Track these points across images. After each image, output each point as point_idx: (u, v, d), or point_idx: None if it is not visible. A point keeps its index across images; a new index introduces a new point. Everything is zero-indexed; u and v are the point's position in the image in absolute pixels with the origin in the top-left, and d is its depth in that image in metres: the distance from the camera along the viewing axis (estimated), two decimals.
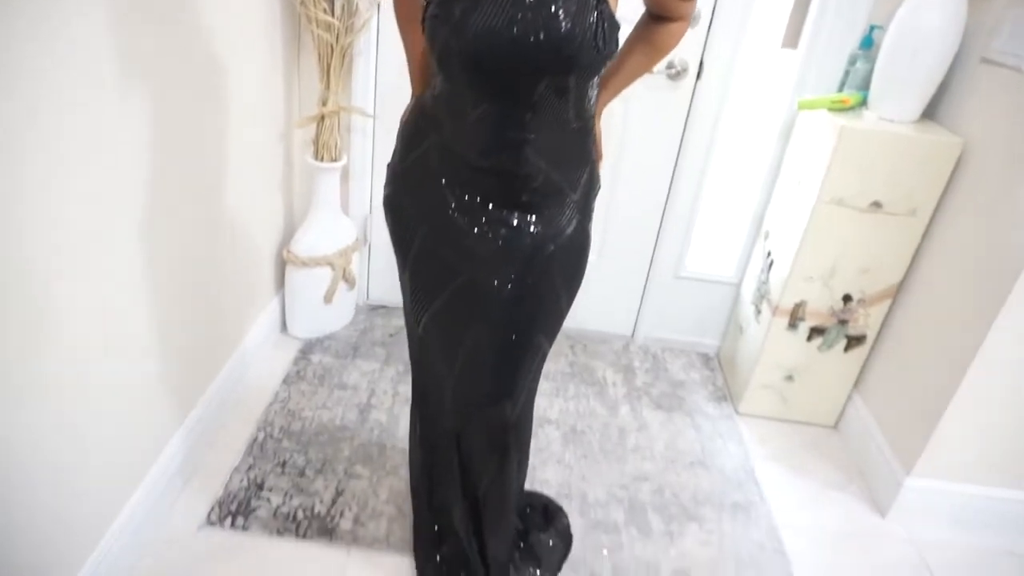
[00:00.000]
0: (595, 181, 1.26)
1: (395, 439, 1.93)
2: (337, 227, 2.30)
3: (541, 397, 2.13)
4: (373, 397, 2.10)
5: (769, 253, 2.17)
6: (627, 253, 2.40)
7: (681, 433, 2.11)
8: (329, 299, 2.33)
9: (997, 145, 1.72)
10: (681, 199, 2.31)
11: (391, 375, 2.20)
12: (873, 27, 2.00)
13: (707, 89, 2.16)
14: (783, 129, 2.19)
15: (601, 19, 1.04)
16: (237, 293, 2.00)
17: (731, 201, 2.33)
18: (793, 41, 2.22)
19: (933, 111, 1.95)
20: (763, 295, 2.18)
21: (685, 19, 1.24)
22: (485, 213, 1.17)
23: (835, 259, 1.97)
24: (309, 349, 2.30)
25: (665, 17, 1.24)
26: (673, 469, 1.96)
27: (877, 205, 1.89)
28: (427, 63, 1.31)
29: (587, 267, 1.32)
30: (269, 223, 2.20)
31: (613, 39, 1.08)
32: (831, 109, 1.96)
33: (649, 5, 1.24)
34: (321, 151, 2.17)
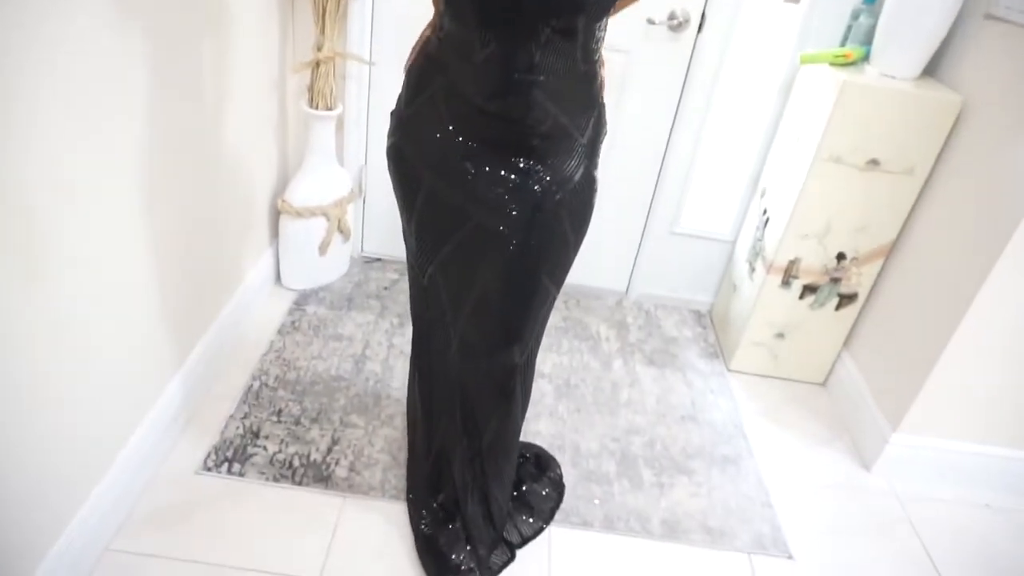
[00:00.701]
0: (602, 125, 1.25)
1: (390, 389, 1.95)
2: (332, 177, 2.28)
3: None
4: (368, 348, 2.11)
5: (765, 211, 2.17)
6: (623, 208, 2.39)
7: (673, 388, 2.14)
8: (324, 250, 2.32)
9: (996, 103, 1.72)
10: (679, 154, 2.29)
11: (386, 327, 2.21)
12: None
13: (708, 42, 2.13)
14: (784, 84, 2.17)
15: None
16: (232, 242, 1.99)
17: (729, 157, 2.32)
18: None
19: (935, 68, 1.93)
20: (758, 252, 2.18)
21: None
22: (493, 158, 1.17)
23: (831, 217, 1.98)
24: (304, 300, 2.29)
25: None
26: (664, 423, 1.99)
27: (875, 163, 1.89)
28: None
29: None
30: (264, 171, 2.17)
31: None
32: (833, 63, 1.94)
33: None
34: (316, 99, 2.14)
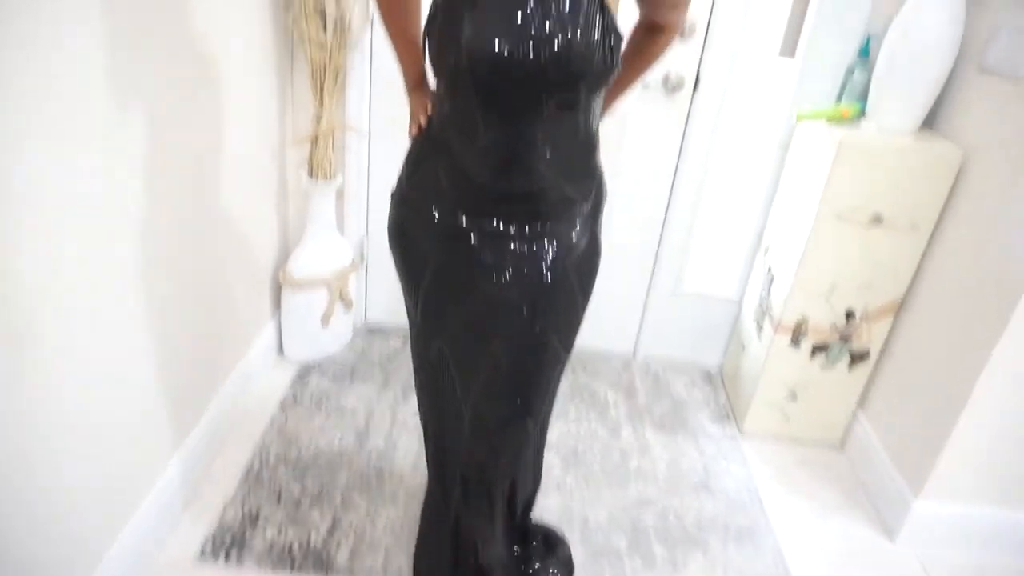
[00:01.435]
0: (604, 190, 1.28)
1: (392, 465, 1.90)
2: (333, 247, 2.28)
3: None
4: (371, 421, 2.07)
5: (770, 269, 2.14)
6: (626, 270, 2.37)
7: (684, 454, 2.07)
8: (326, 321, 2.30)
9: (998, 155, 1.69)
10: (679, 214, 2.28)
11: (389, 399, 2.17)
12: (870, 38, 1.97)
13: (704, 102, 2.13)
14: (783, 141, 2.16)
15: (607, 32, 1.06)
16: (233, 316, 1.98)
17: (731, 215, 2.30)
18: (791, 50, 2.20)
19: (933, 120, 1.92)
20: (764, 311, 2.14)
21: (676, 27, 1.28)
22: (499, 232, 1.16)
23: (836, 274, 1.94)
24: (306, 372, 2.27)
25: (656, 26, 1.27)
26: (676, 492, 1.92)
27: (878, 219, 1.86)
28: (419, 78, 1.30)
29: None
30: (265, 242, 2.17)
31: (619, 50, 1.09)
32: (830, 120, 1.93)
33: (642, 14, 1.27)
34: (315, 170, 2.15)
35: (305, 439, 1.97)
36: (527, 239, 1.17)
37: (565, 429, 2.13)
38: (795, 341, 2.04)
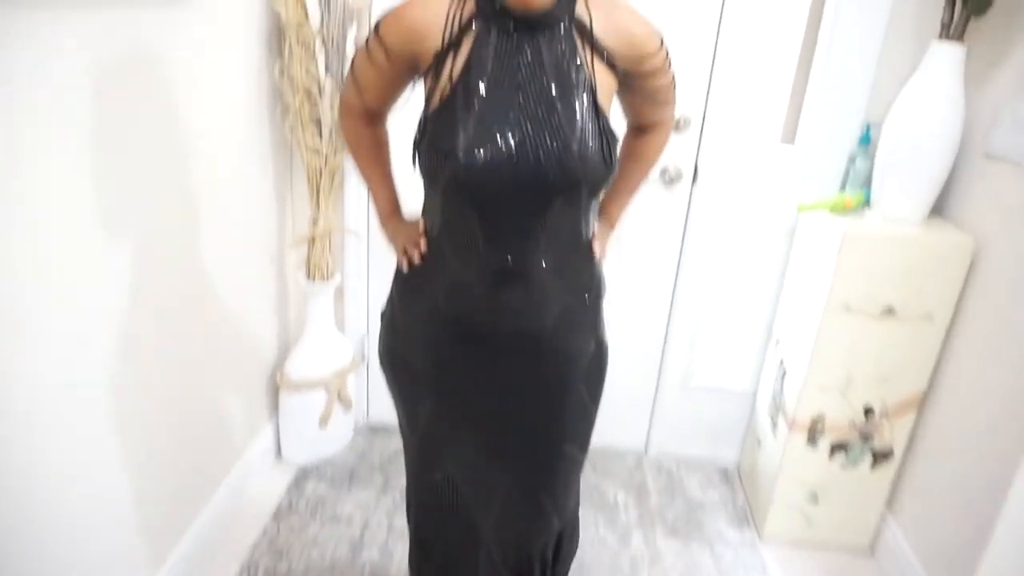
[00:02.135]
0: (603, 288, 1.24)
1: None
2: (332, 347, 2.25)
3: None
4: (367, 531, 1.97)
5: (782, 362, 2.05)
6: (633, 364, 2.29)
7: (699, 565, 1.93)
8: (324, 423, 2.24)
9: (1012, 243, 1.62)
10: (685, 306, 2.21)
11: (387, 505, 2.08)
12: (869, 125, 1.93)
13: (704, 192, 2.10)
14: (788, 229, 2.11)
15: (604, 135, 1.05)
16: (228, 420, 1.94)
17: (739, 306, 2.23)
18: (791, 136, 2.17)
19: (941, 207, 1.86)
20: (778, 407, 2.04)
21: (666, 126, 1.29)
22: (502, 347, 1.14)
23: (850, 368, 1.84)
24: (304, 476, 2.19)
25: (646, 127, 1.26)
26: None
27: (890, 310, 1.77)
28: (389, 199, 1.29)
29: None
30: (263, 345, 2.15)
31: (615, 151, 1.09)
32: (833, 211, 1.88)
33: (630, 117, 1.27)
34: (313, 271, 2.15)
35: (297, 551, 1.88)
36: (531, 353, 1.14)
37: None
38: (812, 440, 1.93)
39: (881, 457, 1.91)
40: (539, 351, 1.14)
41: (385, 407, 2.46)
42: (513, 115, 1.01)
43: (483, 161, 0.99)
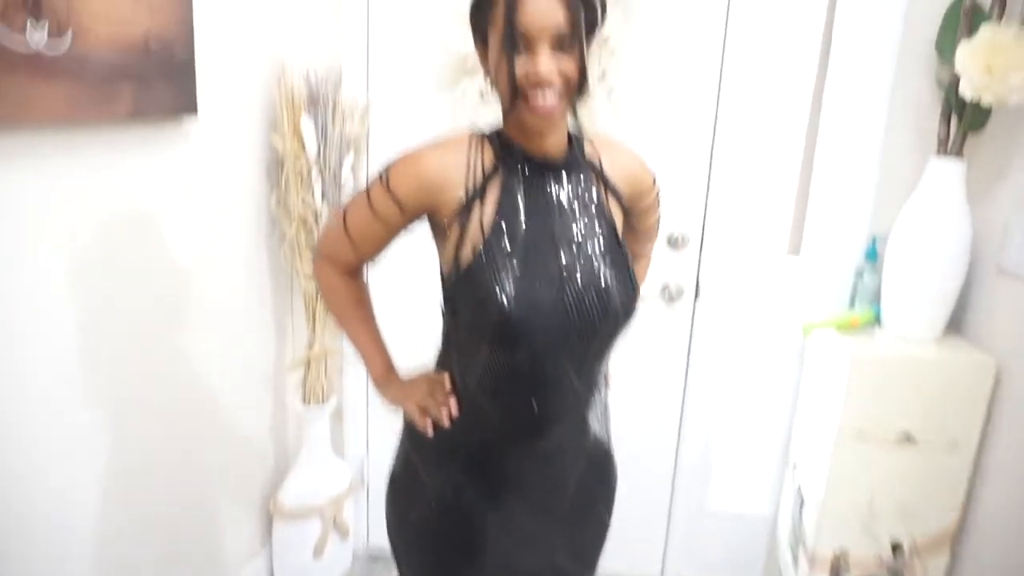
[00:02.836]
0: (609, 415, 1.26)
1: None
2: (328, 472, 2.18)
3: None
4: None
5: (799, 488, 1.91)
6: (643, 491, 2.15)
7: None
8: (319, 553, 2.14)
9: None
10: (694, 427, 2.10)
11: None
12: (875, 239, 1.86)
13: (708, 309, 2.03)
14: (797, 346, 2.01)
15: (627, 262, 1.09)
16: (220, 549, 1.89)
17: (752, 427, 2.11)
18: (797, 247, 2.11)
19: (957, 324, 1.75)
20: (799, 539, 1.88)
21: (648, 257, 1.36)
22: (536, 499, 1.16)
23: (871, 500, 1.70)
24: None
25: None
26: None
27: (908, 437, 1.65)
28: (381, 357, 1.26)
29: None
30: (257, 470, 2.10)
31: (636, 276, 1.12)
32: (840, 330, 1.79)
33: None
34: (308, 395, 2.11)
35: None
36: (566, 487, 1.16)
37: None
38: None
39: None
40: (575, 502, 1.19)
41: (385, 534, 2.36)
42: (552, 259, 1.02)
43: (533, 312, 0.99)
